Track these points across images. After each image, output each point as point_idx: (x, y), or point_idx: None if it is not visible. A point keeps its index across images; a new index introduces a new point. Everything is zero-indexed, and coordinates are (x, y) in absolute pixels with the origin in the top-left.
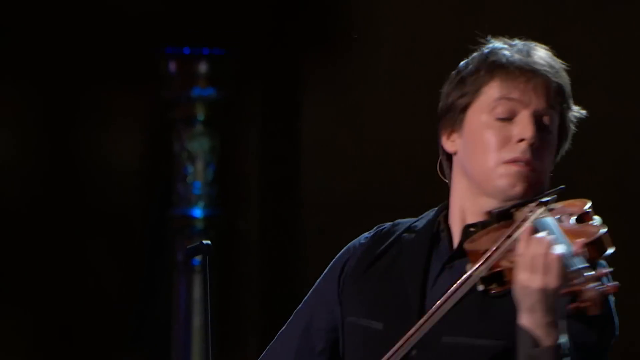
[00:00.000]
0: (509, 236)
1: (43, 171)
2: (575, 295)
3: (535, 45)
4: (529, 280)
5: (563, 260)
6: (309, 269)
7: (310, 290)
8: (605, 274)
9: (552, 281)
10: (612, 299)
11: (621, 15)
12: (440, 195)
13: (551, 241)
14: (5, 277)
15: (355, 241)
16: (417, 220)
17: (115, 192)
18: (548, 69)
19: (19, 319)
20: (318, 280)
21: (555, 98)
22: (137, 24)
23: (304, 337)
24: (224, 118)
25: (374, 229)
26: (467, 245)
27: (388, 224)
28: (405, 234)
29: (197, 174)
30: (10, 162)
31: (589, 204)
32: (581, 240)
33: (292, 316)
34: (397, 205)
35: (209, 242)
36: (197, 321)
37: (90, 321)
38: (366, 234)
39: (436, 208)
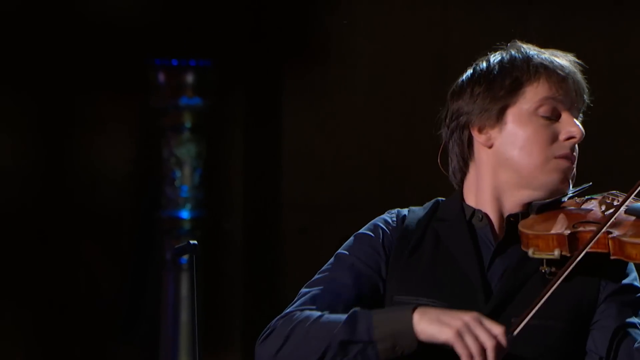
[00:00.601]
0: (607, 221)
1: (39, 175)
2: None
3: (554, 50)
4: None
5: None
6: (290, 266)
7: (344, 258)
8: None
9: None
10: None
11: (579, 31)
12: (413, 195)
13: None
14: (5, 275)
15: (381, 222)
16: (436, 210)
17: (107, 195)
18: (580, 76)
19: (18, 314)
20: (350, 250)
21: (583, 103)
22: (128, 37)
23: (354, 287)
24: (210, 125)
25: (392, 213)
26: (525, 230)
27: (404, 211)
28: (434, 224)
29: (185, 178)
30: (7, 166)
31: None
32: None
33: (331, 272)
34: (372, 206)
35: (195, 242)
36: (184, 316)
37: (84, 316)
38: (388, 217)
39: (440, 198)
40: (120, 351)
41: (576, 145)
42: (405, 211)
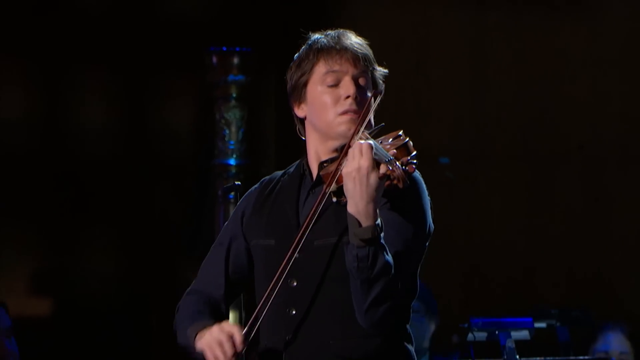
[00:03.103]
0: (345, 154)
1: (124, 133)
2: (388, 177)
3: (344, 31)
4: (349, 167)
5: (375, 149)
6: None
7: (221, 231)
8: (408, 161)
9: (365, 162)
10: (428, 205)
11: (525, 26)
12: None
13: (367, 140)
14: (100, 208)
15: (248, 192)
16: (290, 168)
17: (175, 147)
18: (355, 45)
19: (111, 236)
20: (226, 224)
21: (364, 64)
22: (191, 30)
23: (226, 260)
24: (250, 96)
25: (259, 182)
26: (321, 173)
27: (268, 176)
28: (282, 178)
29: (232, 135)
30: (100, 127)
31: (400, 131)
32: (392, 146)
33: (212, 249)
34: None
35: (239, 183)
36: None
37: (157, 238)
38: (254, 187)
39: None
40: (185, 263)
41: (367, 99)
42: (268, 177)
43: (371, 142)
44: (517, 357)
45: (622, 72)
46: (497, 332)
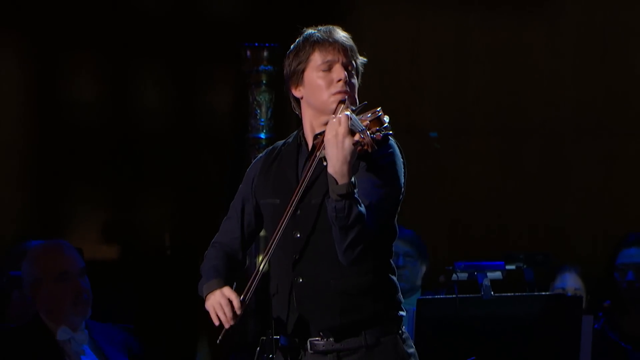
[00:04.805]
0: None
1: (176, 112)
2: (360, 143)
3: (333, 27)
4: (328, 134)
5: (351, 120)
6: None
7: (236, 194)
8: (376, 131)
9: (341, 129)
10: (400, 165)
11: (499, 24)
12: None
13: (346, 112)
14: (157, 173)
15: (256, 159)
16: (289, 138)
17: (216, 124)
18: (344, 38)
19: (165, 195)
20: (240, 187)
21: (350, 54)
22: (229, 29)
23: (241, 216)
24: (277, 82)
25: (265, 151)
26: (315, 142)
27: (271, 146)
28: (283, 147)
29: (262, 114)
30: (157, 107)
31: (379, 108)
32: (367, 118)
33: (230, 208)
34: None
35: None
36: None
37: (202, 197)
38: (261, 155)
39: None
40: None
41: (354, 82)
42: (274, 145)
43: (348, 114)
44: (492, 293)
45: (575, 61)
46: (476, 273)
